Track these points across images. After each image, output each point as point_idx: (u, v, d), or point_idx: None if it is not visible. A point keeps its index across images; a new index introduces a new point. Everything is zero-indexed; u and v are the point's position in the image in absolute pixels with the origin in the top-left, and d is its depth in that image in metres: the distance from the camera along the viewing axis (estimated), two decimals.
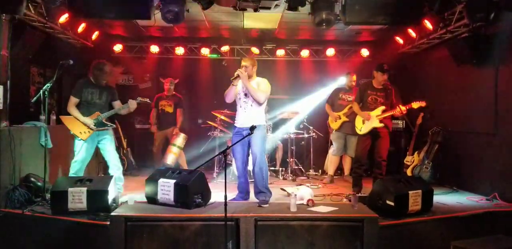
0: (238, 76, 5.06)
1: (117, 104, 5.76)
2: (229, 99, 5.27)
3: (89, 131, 5.45)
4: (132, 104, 5.66)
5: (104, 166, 7.71)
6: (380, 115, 5.80)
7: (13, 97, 5.20)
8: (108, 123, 5.62)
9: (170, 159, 7.36)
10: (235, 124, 5.37)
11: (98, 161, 6.98)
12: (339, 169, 7.73)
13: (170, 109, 7.78)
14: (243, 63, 5.20)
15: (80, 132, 5.42)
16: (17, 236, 4.60)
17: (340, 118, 7.20)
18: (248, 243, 4.27)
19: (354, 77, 7.29)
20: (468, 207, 5.09)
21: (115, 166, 5.63)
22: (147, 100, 5.87)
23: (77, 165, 5.46)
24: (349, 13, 5.69)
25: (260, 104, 5.17)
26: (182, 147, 7.55)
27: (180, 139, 7.51)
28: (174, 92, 7.92)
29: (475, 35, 5.82)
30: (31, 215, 4.61)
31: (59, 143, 5.81)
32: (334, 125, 7.32)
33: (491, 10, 5.31)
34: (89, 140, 5.46)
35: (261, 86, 5.21)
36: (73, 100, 5.50)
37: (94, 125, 5.45)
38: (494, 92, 5.62)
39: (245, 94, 5.20)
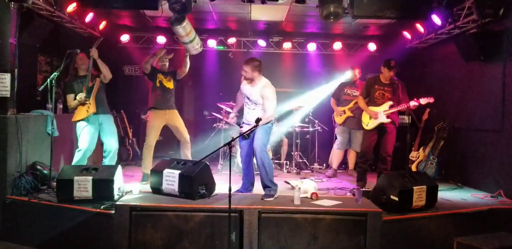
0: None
1: (101, 76, 5.65)
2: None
3: (90, 103, 5.46)
4: (93, 52, 5.49)
5: None
6: (387, 111, 5.78)
7: (21, 85, 5.21)
8: (93, 81, 5.53)
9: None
10: (243, 119, 5.38)
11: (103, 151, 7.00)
12: (344, 164, 7.73)
13: (170, 85, 6.25)
14: (243, 67, 5.10)
15: (86, 110, 5.46)
16: (23, 223, 4.66)
17: (344, 113, 7.19)
18: (252, 235, 4.31)
19: (357, 71, 7.26)
20: (472, 204, 5.08)
21: (110, 157, 5.70)
22: (99, 38, 5.69)
23: (81, 153, 5.48)
24: (357, 7, 5.67)
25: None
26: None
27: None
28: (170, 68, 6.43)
29: (484, 31, 5.77)
30: (37, 202, 4.66)
31: (65, 131, 5.85)
32: (338, 119, 7.31)
33: (500, 6, 5.28)
34: (91, 126, 5.50)
35: (266, 99, 5.03)
36: (70, 97, 5.58)
37: (87, 93, 5.45)
38: (501, 89, 5.58)
39: (248, 98, 5.18)
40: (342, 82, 7.51)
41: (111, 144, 5.69)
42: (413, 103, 5.59)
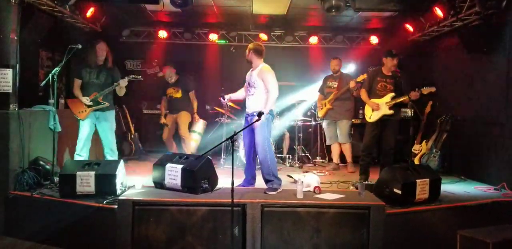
0: None
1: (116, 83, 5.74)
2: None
3: (85, 110, 5.58)
4: (123, 82, 5.66)
5: None
6: (390, 102, 5.74)
7: (22, 80, 5.21)
8: (102, 101, 5.65)
9: (192, 147, 7.42)
10: (246, 110, 5.37)
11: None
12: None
13: (178, 95, 7.36)
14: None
15: (79, 112, 5.59)
16: (26, 219, 4.67)
17: (325, 106, 7.18)
18: (255, 228, 4.30)
19: (332, 64, 7.26)
20: (475, 197, 5.08)
21: (110, 151, 5.82)
22: (139, 77, 5.92)
23: (79, 143, 5.61)
24: None
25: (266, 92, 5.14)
26: (203, 134, 7.72)
27: (200, 125, 7.64)
28: (177, 76, 7.43)
29: (486, 23, 5.72)
30: (39, 197, 4.67)
31: (68, 127, 5.86)
32: (320, 113, 7.36)
33: None
34: (88, 119, 5.61)
35: (267, 81, 5.03)
36: (77, 82, 5.68)
37: (90, 102, 5.57)
38: (505, 81, 5.55)
39: (249, 83, 5.21)
40: (326, 75, 7.48)
41: (106, 138, 5.80)
42: (414, 93, 5.55)
